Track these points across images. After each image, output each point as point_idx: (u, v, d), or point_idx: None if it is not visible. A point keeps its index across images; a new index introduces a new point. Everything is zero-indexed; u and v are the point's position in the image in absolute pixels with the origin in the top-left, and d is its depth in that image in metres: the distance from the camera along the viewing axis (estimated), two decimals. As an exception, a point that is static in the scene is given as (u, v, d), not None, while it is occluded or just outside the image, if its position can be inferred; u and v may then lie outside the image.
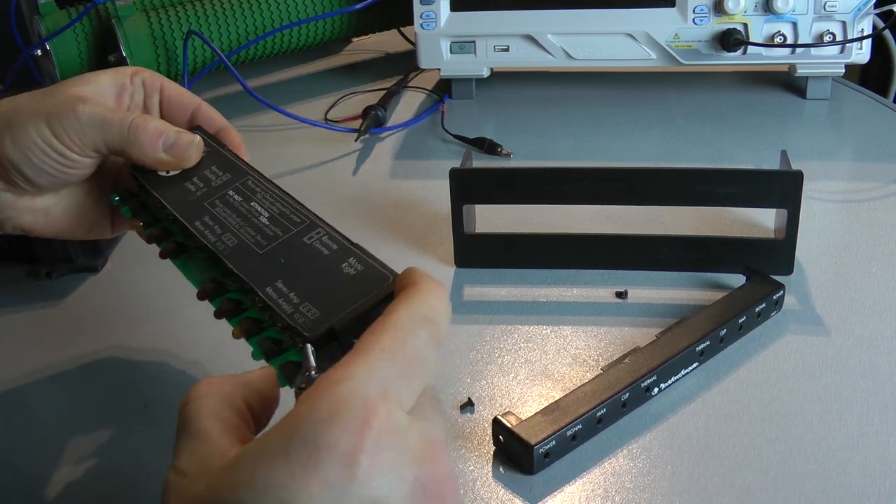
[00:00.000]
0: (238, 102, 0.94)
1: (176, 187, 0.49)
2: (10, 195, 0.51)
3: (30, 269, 0.69)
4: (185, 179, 0.49)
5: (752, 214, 0.68)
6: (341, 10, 0.98)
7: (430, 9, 0.88)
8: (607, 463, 0.49)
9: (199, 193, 0.48)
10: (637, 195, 0.62)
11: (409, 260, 0.67)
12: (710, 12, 0.84)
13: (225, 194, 0.47)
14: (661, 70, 0.94)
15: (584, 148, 0.84)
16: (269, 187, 0.47)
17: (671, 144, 0.83)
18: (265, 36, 0.96)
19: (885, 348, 0.56)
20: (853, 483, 0.47)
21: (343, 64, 1.08)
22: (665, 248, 0.64)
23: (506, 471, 0.49)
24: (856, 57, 0.84)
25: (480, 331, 0.59)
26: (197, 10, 0.93)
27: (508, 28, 0.88)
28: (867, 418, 0.51)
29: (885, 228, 0.68)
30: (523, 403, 0.53)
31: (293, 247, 0.42)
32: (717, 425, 0.51)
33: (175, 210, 0.47)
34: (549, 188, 0.63)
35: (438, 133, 0.87)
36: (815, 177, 0.75)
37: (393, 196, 0.76)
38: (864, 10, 0.82)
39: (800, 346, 0.57)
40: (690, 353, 0.54)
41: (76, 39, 0.92)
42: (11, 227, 0.53)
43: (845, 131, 0.85)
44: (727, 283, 0.62)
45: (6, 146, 0.48)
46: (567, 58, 0.88)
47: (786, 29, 0.84)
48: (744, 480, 0.47)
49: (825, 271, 0.63)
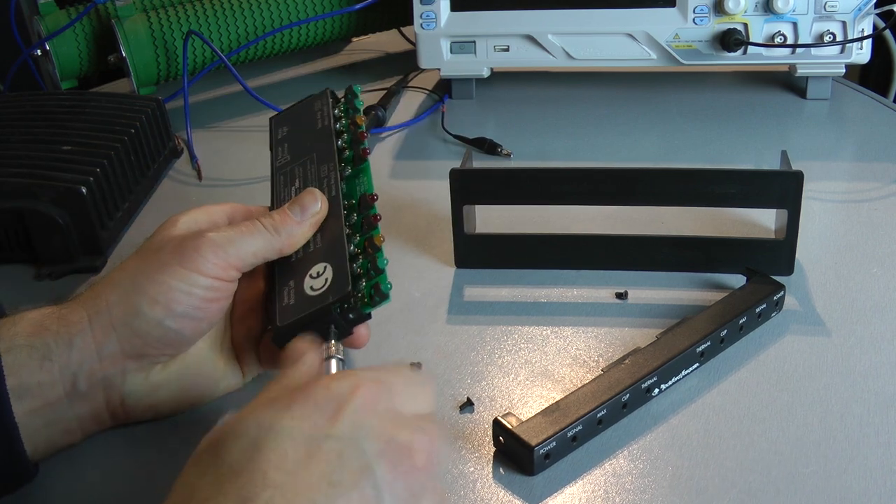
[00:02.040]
0: (238, 102, 0.94)
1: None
2: (142, 375, 0.49)
3: (31, 269, 0.69)
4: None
5: (752, 215, 0.68)
6: (341, 10, 0.98)
7: (430, 9, 0.88)
8: (608, 464, 0.49)
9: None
10: (637, 195, 0.62)
11: (409, 260, 0.67)
12: (711, 12, 0.84)
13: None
14: (661, 70, 0.94)
15: (584, 148, 0.84)
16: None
17: (671, 144, 0.83)
18: (265, 36, 0.96)
19: (886, 349, 0.56)
20: (854, 484, 0.47)
21: (343, 64, 1.08)
22: (665, 249, 0.63)
23: (506, 472, 0.49)
24: (856, 57, 0.84)
25: (480, 331, 0.59)
26: (197, 10, 0.93)
27: (508, 28, 0.88)
28: (868, 419, 0.51)
29: (886, 228, 0.68)
30: (523, 404, 0.53)
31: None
32: (718, 426, 0.51)
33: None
34: (549, 188, 0.63)
35: (438, 133, 0.87)
36: (816, 177, 0.74)
37: (393, 196, 0.76)
38: (865, 10, 0.82)
39: (800, 347, 0.56)
40: (691, 353, 0.54)
41: (76, 39, 0.92)
42: (149, 410, 0.51)
43: (845, 131, 0.85)
44: (727, 284, 0.62)
45: (142, 310, 0.47)
46: (567, 58, 0.88)
47: (786, 29, 0.84)
48: (744, 481, 0.47)
49: (825, 272, 0.63)
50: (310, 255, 0.51)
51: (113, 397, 0.49)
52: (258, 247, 0.49)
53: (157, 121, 0.81)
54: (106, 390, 0.49)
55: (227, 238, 0.49)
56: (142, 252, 0.50)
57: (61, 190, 0.67)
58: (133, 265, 0.49)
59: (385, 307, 0.48)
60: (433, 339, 0.59)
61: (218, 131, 0.92)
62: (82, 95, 0.84)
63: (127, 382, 0.49)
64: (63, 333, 0.47)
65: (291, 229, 0.50)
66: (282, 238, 0.50)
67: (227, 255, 0.48)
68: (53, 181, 0.67)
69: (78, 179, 0.68)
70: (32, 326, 0.48)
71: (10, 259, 0.69)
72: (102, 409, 0.49)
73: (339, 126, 0.56)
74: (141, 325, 0.48)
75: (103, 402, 0.49)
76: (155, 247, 0.49)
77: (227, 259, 0.48)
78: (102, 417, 0.50)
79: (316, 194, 0.52)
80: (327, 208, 0.52)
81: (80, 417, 0.48)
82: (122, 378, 0.49)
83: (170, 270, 0.47)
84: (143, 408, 0.51)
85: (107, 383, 0.48)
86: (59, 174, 0.68)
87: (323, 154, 0.55)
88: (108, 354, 0.48)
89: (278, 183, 0.56)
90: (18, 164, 0.70)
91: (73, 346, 0.47)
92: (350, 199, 0.52)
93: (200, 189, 0.81)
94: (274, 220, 0.50)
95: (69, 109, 0.78)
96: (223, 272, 0.48)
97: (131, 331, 0.48)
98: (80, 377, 0.47)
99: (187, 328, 0.49)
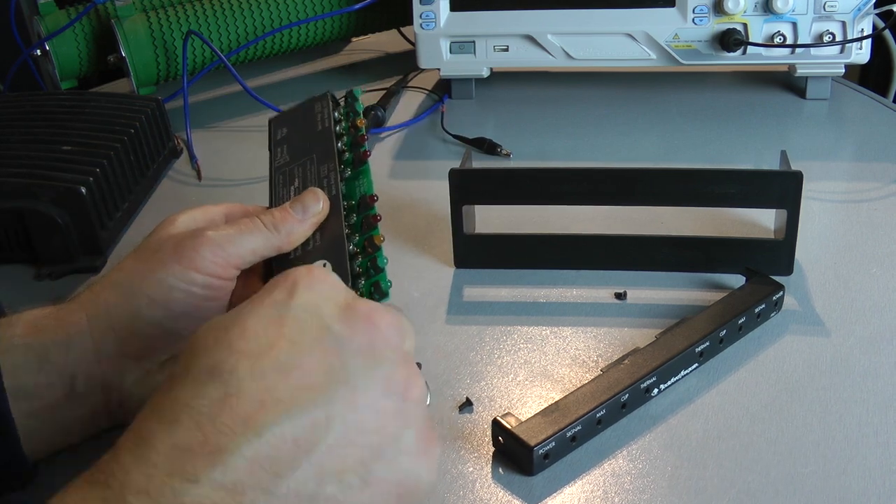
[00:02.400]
0: (238, 102, 0.94)
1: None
2: (141, 376, 0.49)
3: (31, 269, 0.69)
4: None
5: (751, 215, 0.68)
6: (341, 10, 0.98)
7: (429, 9, 0.88)
8: (607, 464, 0.49)
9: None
10: (637, 195, 0.62)
11: (408, 260, 0.67)
12: (710, 12, 0.84)
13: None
14: (661, 70, 0.94)
15: (584, 148, 0.84)
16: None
17: (671, 144, 0.83)
18: (265, 36, 0.96)
19: (885, 349, 0.56)
20: (853, 484, 0.47)
21: (343, 64, 1.08)
22: (665, 249, 0.63)
23: (505, 472, 0.49)
24: (856, 57, 0.84)
25: (480, 331, 0.59)
26: (197, 10, 0.93)
27: (508, 28, 0.88)
28: (867, 419, 0.51)
29: (885, 228, 0.68)
30: (523, 404, 0.53)
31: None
32: (717, 426, 0.51)
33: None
34: (548, 188, 0.63)
35: (438, 133, 0.87)
36: (815, 177, 0.74)
37: (392, 196, 0.76)
38: (864, 10, 0.82)
39: (800, 347, 0.56)
40: (690, 353, 0.54)
41: (76, 39, 0.92)
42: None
43: (845, 131, 0.85)
44: (727, 284, 0.62)
45: (141, 311, 0.47)
46: (567, 58, 0.88)
47: (785, 29, 0.84)
48: (743, 481, 0.47)
49: (825, 272, 0.63)
50: (309, 253, 0.51)
51: (112, 398, 0.49)
52: (257, 244, 0.49)
53: (157, 121, 0.81)
54: (105, 391, 0.48)
55: (226, 236, 0.48)
56: (140, 251, 0.49)
57: (61, 190, 0.67)
58: (131, 265, 0.49)
59: (384, 307, 0.48)
60: (432, 339, 0.59)
61: (218, 131, 0.92)
62: (82, 95, 0.84)
63: (126, 383, 0.49)
64: (61, 334, 0.47)
65: (292, 227, 0.50)
66: (281, 236, 0.50)
67: (226, 254, 0.48)
68: (53, 181, 0.67)
69: (78, 179, 0.68)
70: (30, 328, 0.47)
71: (10, 259, 0.69)
72: (101, 409, 0.49)
73: (339, 129, 0.56)
74: (140, 326, 0.47)
75: (102, 403, 0.49)
76: (153, 246, 0.49)
77: (225, 257, 0.48)
78: (101, 418, 0.49)
79: (318, 194, 0.51)
80: (328, 208, 0.52)
81: (78, 418, 0.48)
82: (121, 379, 0.48)
83: (168, 269, 0.47)
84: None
85: (106, 384, 0.48)
86: (59, 174, 0.68)
87: (323, 155, 0.55)
88: (107, 355, 0.48)
89: (277, 183, 0.56)
90: (18, 164, 0.70)
91: (72, 348, 0.47)
92: (350, 199, 0.52)
93: (200, 189, 0.81)
94: (274, 218, 0.50)
95: (69, 109, 0.78)
96: (222, 270, 0.48)
97: (130, 331, 0.47)
98: (78, 378, 0.47)
99: (186, 328, 0.48)
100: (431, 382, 0.55)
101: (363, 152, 0.54)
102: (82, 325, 0.47)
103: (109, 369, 0.48)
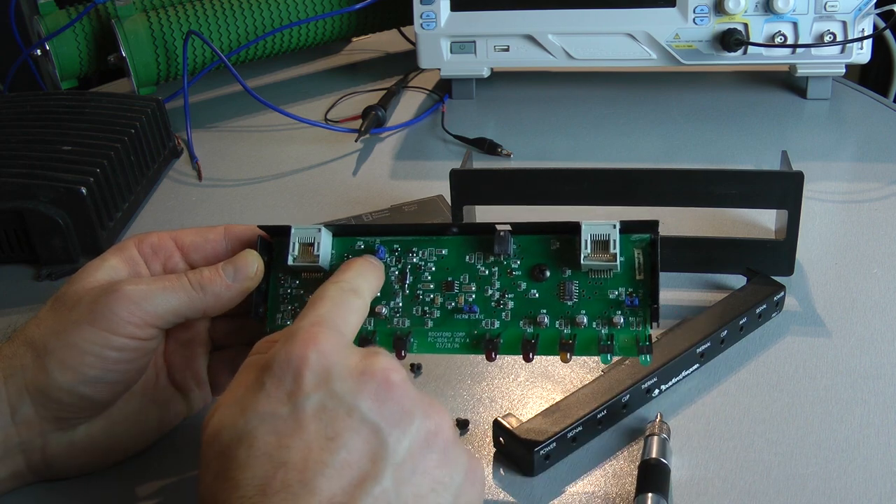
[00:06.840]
0: (238, 102, 0.94)
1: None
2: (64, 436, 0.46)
3: (31, 270, 0.69)
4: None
5: (752, 215, 0.68)
6: (341, 10, 0.98)
7: (430, 9, 0.88)
8: (608, 465, 0.49)
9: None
10: (638, 195, 0.62)
11: (409, 261, 0.67)
12: (711, 12, 0.84)
13: None
14: (661, 70, 0.94)
15: (584, 148, 0.84)
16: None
17: (671, 144, 0.83)
18: (265, 36, 0.96)
19: (886, 349, 0.56)
20: (854, 485, 0.47)
21: (343, 64, 1.08)
22: (665, 249, 0.63)
23: (506, 473, 0.49)
24: (856, 57, 0.84)
25: (481, 332, 0.59)
26: (197, 10, 0.93)
27: (508, 28, 0.88)
28: (868, 420, 0.51)
29: (886, 229, 0.68)
30: (524, 405, 0.53)
31: None
32: (718, 427, 0.51)
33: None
34: (549, 189, 0.63)
35: (438, 133, 0.87)
36: (816, 177, 0.74)
37: (393, 196, 0.76)
38: (865, 10, 0.82)
39: (800, 348, 0.56)
40: (691, 354, 0.54)
41: (76, 39, 0.92)
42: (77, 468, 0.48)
43: (846, 131, 0.85)
44: (728, 284, 0.62)
45: (53, 375, 0.44)
46: (567, 58, 0.88)
47: (786, 29, 0.84)
48: (745, 482, 0.47)
49: (826, 272, 0.63)
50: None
51: (34, 459, 0.46)
52: (179, 303, 0.45)
53: (157, 121, 0.81)
54: (25, 454, 0.46)
55: (144, 292, 0.44)
56: (57, 304, 0.46)
57: (61, 190, 0.67)
58: (47, 321, 0.45)
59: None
60: (433, 340, 0.59)
61: (218, 131, 0.92)
62: (82, 95, 0.84)
63: (48, 445, 0.46)
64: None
65: (218, 290, 0.46)
66: (207, 298, 0.46)
67: (143, 312, 0.44)
68: (53, 181, 0.67)
69: (78, 179, 0.68)
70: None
71: (10, 259, 0.69)
72: (24, 471, 0.46)
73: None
74: (52, 391, 0.44)
75: (24, 465, 0.46)
76: (70, 302, 0.45)
77: (142, 316, 0.44)
78: (26, 478, 0.47)
79: (252, 257, 0.47)
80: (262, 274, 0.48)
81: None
82: (42, 441, 0.46)
83: (81, 333, 0.44)
84: (73, 467, 0.47)
85: (25, 447, 0.45)
86: (59, 174, 0.68)
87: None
88: (24, 419, 0.45)
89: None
90: (18, 164, 0.70)
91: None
92: None
93: (200, 189, 0.81)
94: (202, 277, 0.46)
95: (69, 109, 0.78)
96: (139, 330, 0.44)
97: (44, 395, 0.44)
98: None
99: (101, 393, 0.45)
100: (433, 384, 0.55)
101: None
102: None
103: (27, 433, 0.45)
